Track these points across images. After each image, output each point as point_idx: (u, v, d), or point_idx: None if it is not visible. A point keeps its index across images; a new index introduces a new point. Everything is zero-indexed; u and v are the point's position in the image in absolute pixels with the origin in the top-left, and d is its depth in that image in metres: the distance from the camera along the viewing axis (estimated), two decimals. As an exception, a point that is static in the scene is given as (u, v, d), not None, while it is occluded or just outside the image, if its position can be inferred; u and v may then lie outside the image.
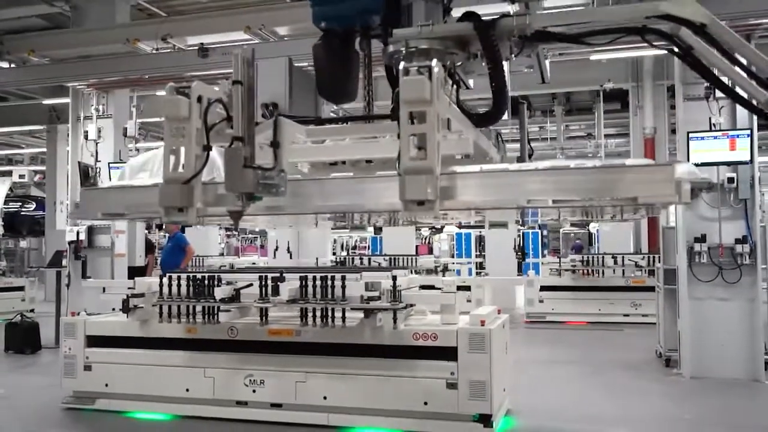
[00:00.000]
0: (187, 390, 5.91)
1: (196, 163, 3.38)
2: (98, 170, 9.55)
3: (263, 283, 5.37)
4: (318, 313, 5.26)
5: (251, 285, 5.50)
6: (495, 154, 4.53)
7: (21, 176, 14.73)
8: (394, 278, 5.22)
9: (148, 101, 10.47)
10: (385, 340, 5.38)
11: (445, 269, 13.31)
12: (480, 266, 16.03)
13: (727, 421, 5.97)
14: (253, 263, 14.83)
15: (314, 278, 5.27)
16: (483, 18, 3.70)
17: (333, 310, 5.23)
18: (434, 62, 3.11)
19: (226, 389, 5.82)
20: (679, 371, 7.68)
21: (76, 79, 9.01)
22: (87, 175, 9.37)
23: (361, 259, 13.15)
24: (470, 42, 3.79)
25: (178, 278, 5.67)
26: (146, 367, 6.03)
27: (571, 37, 3.86)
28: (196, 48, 7.92)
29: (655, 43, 3.77)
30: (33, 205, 14.44)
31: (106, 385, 6.16)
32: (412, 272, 12.97)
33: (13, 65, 9.21)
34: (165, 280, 5.69)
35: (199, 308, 5.56)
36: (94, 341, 6.25)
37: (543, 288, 12.52)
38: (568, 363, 8.62)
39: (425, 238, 30.68)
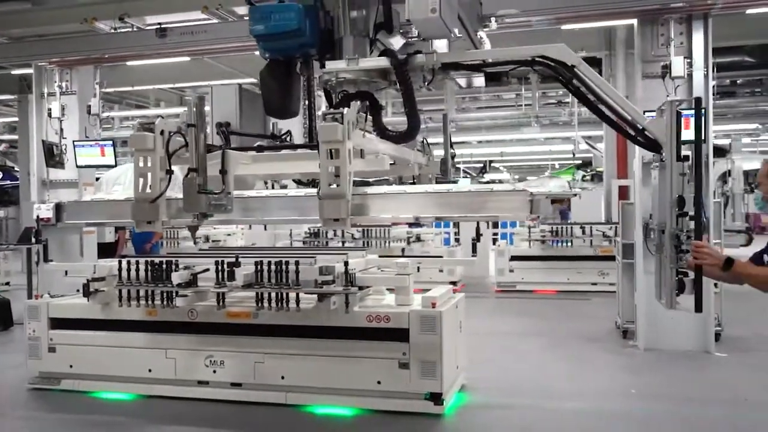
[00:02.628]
0: (150, 371, 6.05)
1: (160, 184, 4.19)
2: (64, 148, 9.50)
3: (219, 268, 5.46)
4: (273, 297, 5.37)
5: (207, 270, 5.59)
6: (421, 159, 5.51)
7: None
8: (346, 263, 5.33)
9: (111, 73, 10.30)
10: (340, 322, 5.52)
11: (418, 239, 13.46)
12: (456, 235, 16.23)
13: (674, 393, 6.21)
14: (229, 234, 14.88)
15: (269, 263, 5.37)
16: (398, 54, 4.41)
17: (287, 294, 5.35)
18: (345, 110, 3.87)
19: (187, 370, 5.97)
20: (635, 343, 7.92)
21: (33, 59, 8.89)
22: (52, 154, 9.32)
23: (335, 232, 13.25)
24: (390, 73, 4.50)
25: (137, 263, 5.75)
26: (109, 348, 6.15)
27: (475, 66, 4.67)
28: (155, 28, 7.87)
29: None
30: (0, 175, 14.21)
31: (71, 366, 6.28)
32: (387, 244, 13.15)
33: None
34: (124, 264, 5.77)
35: (157, 292, 5.65)
36: (57, 323, 6.34)
37: (513, 258, 12.72)
38: (531, 335, 8.85)
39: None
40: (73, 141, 9.42)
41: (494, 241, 15.88)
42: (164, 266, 5.67)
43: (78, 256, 9.38)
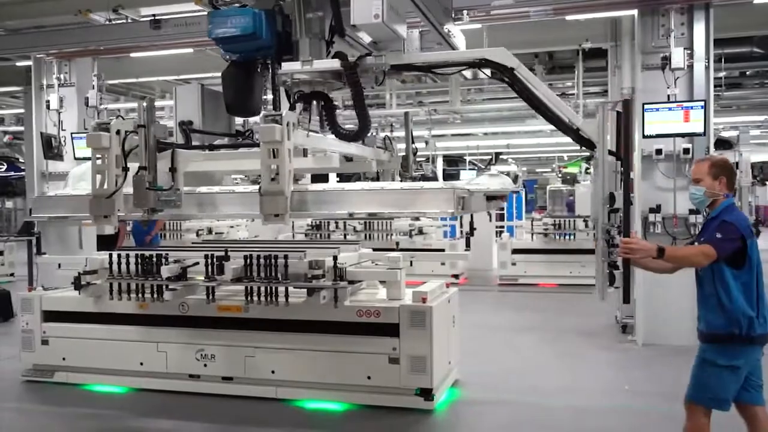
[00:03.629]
0: (141, 364, 6.05)
1: (117, 181, 4.40)
2: (62, 140, 9.49)
3: (208, 261, 5.43)
4: (262, 291, 5.34)
5: (197, 263, 5.56)
6: (383, 156, 5.64)
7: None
8: (335, 257, 5.29)
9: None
10: (330, 317, 5.48)
11: (420, 232, 13.40)
12: (461, 227, 16.13)
13: (669, 389, 6.10)
14: (232, 226, 14.87)
15: (258, 257, 5.34)
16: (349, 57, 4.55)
17: (276, 288, 5.31)
18: (285, 112, 4.09)
19: (178, 363, 5.96)
20: (633, 338, 7.85)
21: (29, 51, 8.86)
22: (50, 146, 9.30)
23: (336, 223, 13.20)
24: (342, 74, 4.63)
25: (127, 256, 5.73)
26: (101, 341, 6.15)
27: (425, 67, 4.86)
28: (149, 20, 7.82)
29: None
30: (3, 167, 14.22)
31: (64, 358, 6.29)
32: (389, 236, 13.09)
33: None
34: (114, 257, 5.75)
35: (147, 286, 5.63)
36: (50, 316, 6.35)
37: (515, 251, 12.64)
38: (530, 329, 8.79)
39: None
40: (71, 133, 9.41)
41: (498, 233, 15.80)
42: (154, 259, 5.65)
43: (77, 248, 9.38)
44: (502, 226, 17.21)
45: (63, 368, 6.33)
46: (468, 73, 18.21)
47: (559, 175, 27.98)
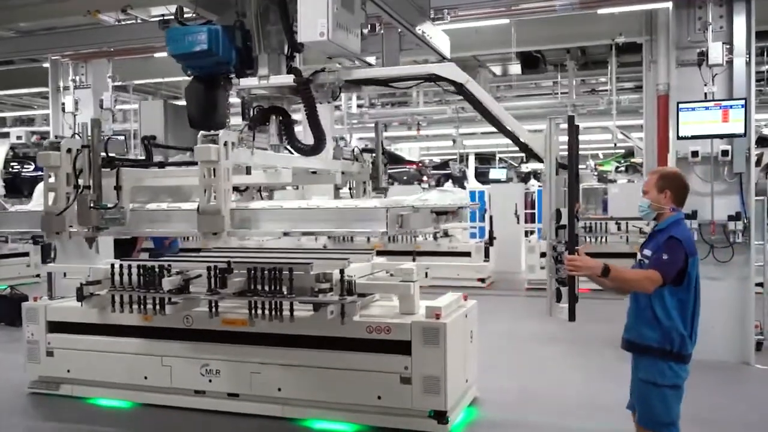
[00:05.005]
0: (146, 378, 5.84)
1: (68, 198, 4.48)
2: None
3: (211, 273, 5.17)
4: (267, 306, 5.05)
5: (200, 276, 5.31)
6: (352, 167, 5.65)
7: (18, 137, 14.52)
8: (342, 271, 4.98)
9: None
10: (338, 333, 5.19)
11: (446, 234, 13.03)
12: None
13: (705, 411, 5.69)
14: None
15: (262, 270, 5.06)
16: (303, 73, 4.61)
17: (281, 303, 5.02)
18: (221, 132, 4.11)
19: (183, 378, 5.73)
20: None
21: (41, 53, 8.76)
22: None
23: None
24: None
25: (129, 267, 5.51)
26: (105, 354, 5.95)
27: (381, 81, 4.95)
28: (158, 20, 7.60)
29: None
30: (32, 166, 14.28)
31: (68, 371, 6.11)
32: (413, 239, 12.72)
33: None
34: (116, 268, 5.53)
35: (149, 298, 5.41)
36: (55, 327, 6.18)
37: (544, 254, 12.15)
38: (556, 339, 8.37)
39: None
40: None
41: (526, 234, 15.32)
42: (157, 271, 5.41)
43: (94, 253, 9.22)
44: (533, 230, 16.69)
45: (68, 380, 6.16)
46: (497, 70, 17.75)
47: (595, 174, 27.25)
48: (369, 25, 5.01)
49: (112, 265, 5.57)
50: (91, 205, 4.37)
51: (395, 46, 5.32)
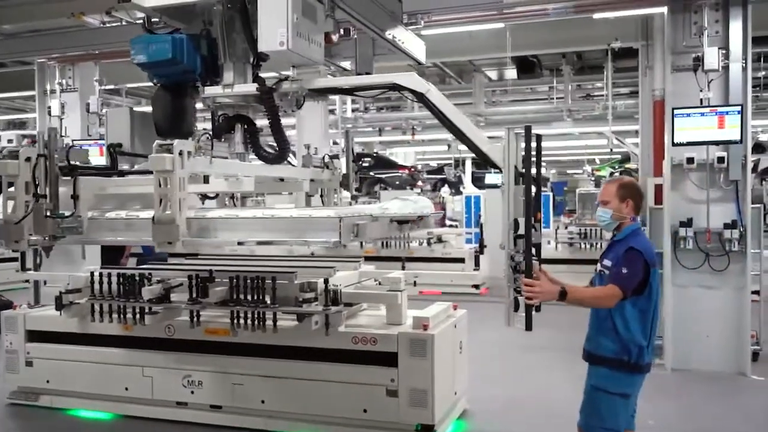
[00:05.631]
0: (126, 389, 5.68)
1: (26, 208, 4.44)
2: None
3: (192, 282, 5.02)
4: (249, 316, 4.91)
5: (181, 285, 5.16)
6: (323, 175, 5.61)
7: (9, 141, 14.32)
8: (326, 280, 4.83)
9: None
10: (323, 344, 5.04)
11: (440, 240, 12.89)
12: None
13: (699, 423, 5.57)
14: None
15: (245, 278, 4.91)
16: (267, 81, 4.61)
17: (263, 313, 4.87)
18: (176, 141, 4.09)
19: (165, 389, 5.57)
20: (661, 362, 7.24)
21: (25, 56, 8.62)
22: (52, 153, 9.01)
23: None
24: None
25: (109, 275, 5.35)
26: (85, 364, 5.79)
27: (346, 90, 5.03)
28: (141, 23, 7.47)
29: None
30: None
31: (48, 381, 5.95)
32: (410, 243, 12.58)
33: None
34: (96, 276, 5.38)
35: (129, 307, 5.25)
36: (34, 336, 6.02)
37: (539, 260, 12.02)
38: (548, 348, 8.20)
39: (440, 198, 30.03)
40: (72, 140, 9.13)
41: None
42: (137, 279, 5.25)
43: (80, 259, 9.07)
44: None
45: (47, 391, 5.99)
46: (493, 74, 17.66)
47: (592, 179, 27.15)
48: (342, 30, 5.09)
49: (92, 273, 5.42)
50: (47, 214, 4.36)
51: (369, 51, 5.31)
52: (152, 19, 4.69)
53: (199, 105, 5.04)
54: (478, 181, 24.25)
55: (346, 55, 5.50)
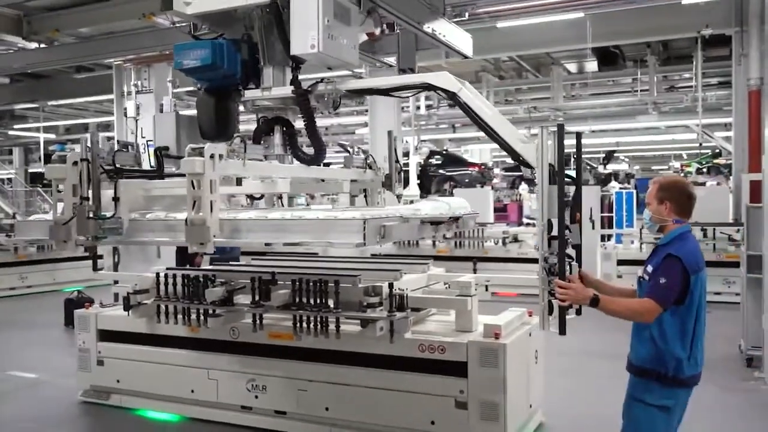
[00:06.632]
0: (192, 391, 5.63)
1: (73, 210, 4.57)
2: (143, 148, 9.36)
3: (255, 285, 4.90)
4: (312, 321, 4.73)
5: (244, 287, 5.04)
6: (365, 175, 5.65)
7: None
8: (390, 285, 4.58)
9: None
10: (388, 351, 4.80)
11: (515, 239, 12.44)
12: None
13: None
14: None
15: (307, 282, 4.73)
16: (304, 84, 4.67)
17: (326, 317, 4.68)
18: (207, 145, 4.15)
19: (229, 393, 5.48)
20: (761, 375, 6.63)
21: (98, 58, 8.78)
22: (127, 154, 9.18)
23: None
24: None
25: (174, 277, 5.30)
26: (153, 364, 5.79)
27: (381, 90, 4.96)
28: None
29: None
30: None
31: (118, 381, 5.99)
32: (481, 244, 12.20)
33: (42, 45, 9.06)
34: (161, 278, 5.34)
35: (193, 309, 5.19)
36: (106, 335, 6.08)
37: (621, 262, 11.42)
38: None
39: (517, 196, 29.23)
40: (147, 141, 9.27)
41: (603, 238, 14.47)
42: (201, 281, 5.17)
43: (155, 258, 9.21)
44: (611, 235, 15.78)
45: (117, 391, 6.03)
46: (572, 67, 17.03)
47: (682, 175, 25.81)
48: (385, 25, 5.12)
49: (157, 274, 5.39)
50: (89, 215, 4.49)
51: (411, 45, 5.27)
52: (198, 27, 4.90)
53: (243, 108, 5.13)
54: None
55: (389, 51, 5.40)
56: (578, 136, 3.97)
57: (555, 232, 3.70)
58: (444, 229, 5.01)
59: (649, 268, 3.34)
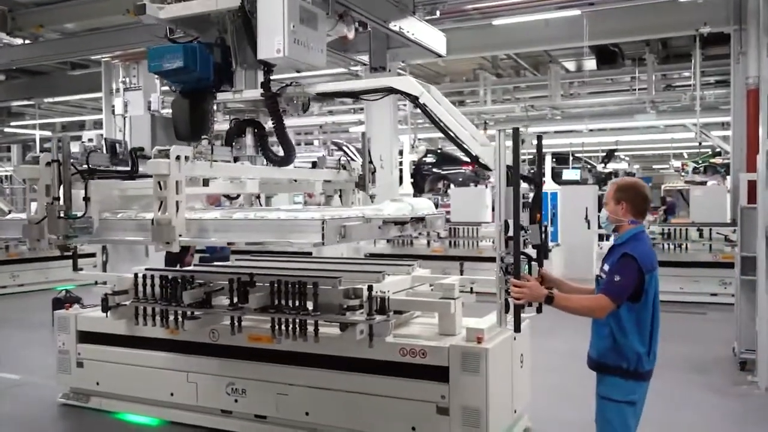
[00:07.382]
0: (172, 394, 5.52)
1: (45, 209, 4.60)
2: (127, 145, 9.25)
3: (233, 287, 4.78)
4: (290, 324, 4.62)
5: (222, 289, 4.93)
6: (339, 176, 5.74)
7: (90, 140, 14.75)
8: (370, 287, 4.46)
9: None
10: (368, 355, 4.68)
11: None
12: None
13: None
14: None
15: (286, 284, 4.62)
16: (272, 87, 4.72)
17: (305, 321, 4.57)
18: (172, 147, 4.19)
19: (209, 396, 5.37)
20: (754, 379, 6.50)
21: (84, 54, 8.65)
22: (114, 152, 9.06)
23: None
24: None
25: (152, 278, 5.18)
26: (132, 367, 5.69)
27: (348, 93, 5.09)
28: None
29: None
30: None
31: (97, 383, 5.88)
32: (476, 244, 12.08)
33: (27, 41, 8.94)
34: (139, 279, 5.22)
35: (170, 311, 5.08)
36: (85, 337, 5.96)
37: (617, 262, 11.27)
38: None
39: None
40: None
41: (601, 237, 14.33)
42: (179, 282, 5.06)
43: (144, 258, 9.10)
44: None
45: (97, 393, 5.92)
46: (570, 65, 16.89)
47: (683, 174, 25.63)
48: (358, 23, 5.19)
49: (135, 275, 5.27)
50: (60, 215, 4.53)
51: (383, 45, 5.37)
52: (173, 31, 4.95)
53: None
54: (556, 177, 23.28)
55: (361, 49, 5.40)
56: (539, 138, 4.07)
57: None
58: (410, 229, 4.99)
59: (606, 267, 3.44)
